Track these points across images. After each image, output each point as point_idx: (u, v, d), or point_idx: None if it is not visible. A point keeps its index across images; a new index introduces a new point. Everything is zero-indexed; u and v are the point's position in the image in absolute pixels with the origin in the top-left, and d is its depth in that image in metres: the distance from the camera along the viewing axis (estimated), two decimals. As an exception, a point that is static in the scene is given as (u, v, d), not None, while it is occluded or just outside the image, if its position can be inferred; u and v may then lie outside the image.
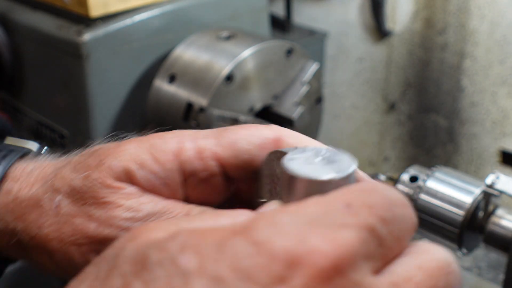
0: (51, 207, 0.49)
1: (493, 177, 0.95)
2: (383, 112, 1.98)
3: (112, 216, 0.47)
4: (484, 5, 1.63)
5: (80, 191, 0.48)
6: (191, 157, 0.49)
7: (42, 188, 0.50)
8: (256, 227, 0.31)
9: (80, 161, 0.50)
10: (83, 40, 1.18)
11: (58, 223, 0.48)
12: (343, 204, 0.33)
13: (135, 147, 0.50)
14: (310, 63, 1.31)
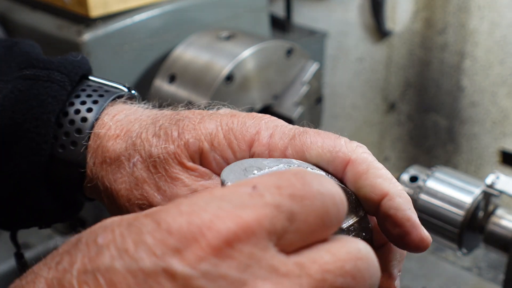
0: (129, 165, 0.51)
1: (493, 177, 0.95)
2: (383, 112, 1.98)
3: (177, 194, 0.49)
4: (484, 5, 1.63)
5: (155, 160, 0.50)
6: (263, 152, 0.50)
7: (124, 144, 0.52)
8: (163, 209, 0.34)
9: (163, 127, 0.52)
10: (83, 40, 1.18)
11: (130, 183, 0.51)
12: (250, 187, 0.34)
13: (215, 127, 0.51)
14: (310, 63, 1.31)
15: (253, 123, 0.51)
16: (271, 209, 0.33)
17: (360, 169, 0.49)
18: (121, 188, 0.51)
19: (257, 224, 0.32)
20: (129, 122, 0.54)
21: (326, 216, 0.34)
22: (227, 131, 0.51)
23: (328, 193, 0.34)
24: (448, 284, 1.27)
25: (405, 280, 1.25)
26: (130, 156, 0.51)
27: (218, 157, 0.50)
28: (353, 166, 0.49)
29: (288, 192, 0.33)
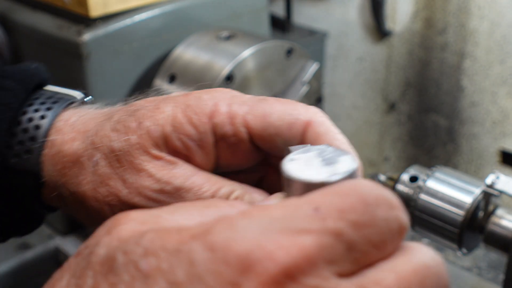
0: (90, 165, 0.50)
1: (493, 177, 0.95)
2: (383, 112, 1.98)
3: (143, 186, 0.49)
4: (484, 5, 1.63)
5: (118, 154, 0.50)
6: (223, 121, 0.50)
7: (83, 145, 0.51)
8: (214, 231, 0.31)
9: (120, 120, 0.51)
10: (83, 40, 1.18)
11: (95, 182, 0.50)
12: (311, 207, 0.32)
13: (172, 108, 0.51)
14: (310, 63, 1.31)
15: (209, 96, 0.51)
16: (332, 238, 0.31)
17: (319, 130, 0.49)
18: (87, 189, 0.50)
19: (318, 253, 0.30)
20: (84, 123, 0.53)
21: (388, 242, 0.33)
22: (185, 108, 0.51)
23: (394, 220, 0.33)
24: (448, 284, 1.27)
25: (405, 280, 1.25)
26: (90, 155, 0.51)
27: (182, 137, 0.50)
28: (313, 127, 0.49)
29: (351, 218, 0.31)
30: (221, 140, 0.51)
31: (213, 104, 0.50)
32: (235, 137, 0.51)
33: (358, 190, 0.33)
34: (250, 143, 0.51)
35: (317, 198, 0.33)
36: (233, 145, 0.51)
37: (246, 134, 0.51)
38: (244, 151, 0.52)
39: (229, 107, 0.50)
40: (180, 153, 0.51)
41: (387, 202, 0.33)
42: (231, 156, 0.52)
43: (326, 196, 0.33)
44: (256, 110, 0.50)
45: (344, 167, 0.40)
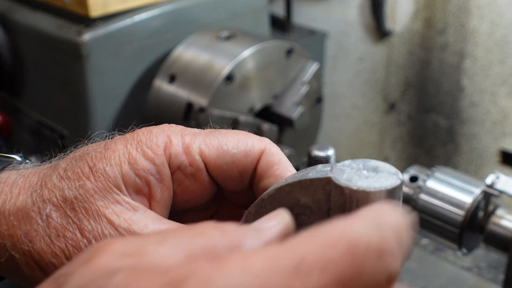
0: (42, 218, 0.47)
1: (493, 177, 0.95)
2: (383, 112, 1.98)
3: (102, 233, 0.46)
4: (484, 5, 1.63)
5: (72, 201, 0.47)
6: (178, 151, 0.49)
7: (29, 199, 0.48)
8: (189, 284, 0.29)
9: (68, 168, 0.48)
10: (83, 40, 1.18)
11: (50, 236, 0.46)
12: (294, 262, 0.29)
13: (123, 147, 0.49)
14: (310, 63, 1.31)
15: (159, 130, 0.50)
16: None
17: (273, 159, 0.50)
18: (42, 246, 0.46)
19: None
20: (26, 178, 0.50)
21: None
22: (137, 144, 0.49)
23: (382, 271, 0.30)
24: (448, 284, 1.27)
25: (405, 280, 1.25)
26: (40, 209, 0.47)
27: (140, 172, 0.48)
28: (267, 156, 0.50)
29: (335, 274, 0.29)
30: (178, 171, 0.49)
31: (165, 136, 0.49)
32: (191, 167, 0.49)
33: (346, 239, 0.30)
34: (206, 172, 0.50)
35: (302, 248, 0.30)
36: (190, 175, 0.50)
37: (202, 163, 0.50)
38: (201, 183, 0.50)
39: (182, 138, 0.50)
40: (140, 191, 0.48)
41: (377, 251, 0.30)
42: (188, 189, 0.50)
43: (312, 247, 0.30)
44: (210, 140, 0.50)
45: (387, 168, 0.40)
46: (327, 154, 0.82)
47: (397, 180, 0.39)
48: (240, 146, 0.50)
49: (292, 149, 1.28)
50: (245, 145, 0.50)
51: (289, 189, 0.45)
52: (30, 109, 1.42)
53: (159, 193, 0.49)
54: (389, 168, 0.40)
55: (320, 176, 0.42)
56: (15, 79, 1.41)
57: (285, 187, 0.46)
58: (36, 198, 0.47)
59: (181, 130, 0.51)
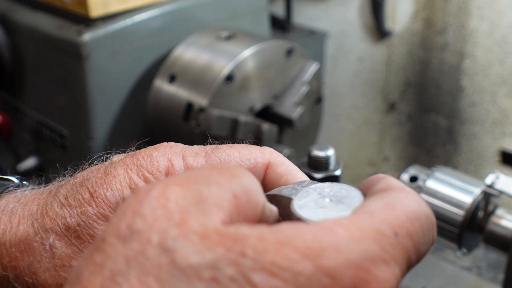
0: (45, 249, 0.45)
1: (493, 177, 0.95)
2: (383, 112, 1.98)
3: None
4: (484, 5, 1.63)
5: (75, 229, 0.46)
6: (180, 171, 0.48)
7: (31, 229, 0.46)
8: (325, 256, 0.32)
9: (69, 195, 0.47)
10: (83, 40, 1.18)
11: (55, 267, 0.45)
12: (392, 232, 0.36)
13: (124, 172, 0.48)
14: (310, 63, 1.31)
15: (160, 153, 0.49)
16: (405, 265, 0.36)
17: (280, 171, 0.50)
18: (46, 277, 0.45)
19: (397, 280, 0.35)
20: (25, 206, 0.48)
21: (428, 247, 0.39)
22: (138, 170, 0.48)
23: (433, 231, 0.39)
24: (448, 284, 1.27)
25: (404, 280, 1.25)
26: (43, 239, 0.46)
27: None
28: (273, 168, 0.49)
29: (415, 242, 0.36)
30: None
31: (166, 160, 0.48)
32: None
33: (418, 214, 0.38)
34: None
35: (395, 221, 0.36)
36: None
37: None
38: None
39: (184, 161, 0.49)
40: None
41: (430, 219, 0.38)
42: None
43: (401, 218, 0.37)
44: (212, 160, 0.49)
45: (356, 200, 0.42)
46: (327, 154, 0.82)
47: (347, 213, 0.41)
48: (244, 164, 0.49)
49: (292, 149, 1.28)
50: (248, 162, 0.49)
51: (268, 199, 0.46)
52: (30, 109, 1.42)
53: None
54: (355, 199, 0.42)
55: (289, 196, 0.44)
56: (15, 79, 1.41)
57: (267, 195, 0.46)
58: (38, 228, 0.46)
59: (182, 150, 0.49)
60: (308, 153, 0.83)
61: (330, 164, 0.82)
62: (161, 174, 0.48)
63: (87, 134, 1.25)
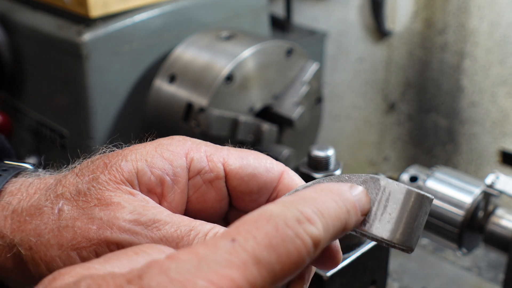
0: (53, 212, 0.47)
1: (493, 177, 0.95)
2: (383, 112, 1.98)
3: (115, 217, 0.46)
4: (484, 5, 1.63)
5: (85, 193, 0.47)
6: (201, 157, 0.50)
7: (43, 196, 0.49)
8: (148, 276, 0.33)
9: (83, 167, 0.49)
10: (83, 40, 1.18)
11: (59, 228, 0.47)
12: (229, 240, 0.35)
13: (142, 147, 0.50)
14: (310, 63, 1.31)
15: (180, 138, 0.51)
16: (254, 266, 0.34)
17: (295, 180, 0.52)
18: (49, 238, 0.46)
19: (245, 282, 0.34)
20: (42, 180, 0.51)
21: (304, 256, 0.36)
22: (157, 146, 0.50)
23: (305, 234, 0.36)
24: (448, 284, 1.27)
25: (405, 280, 1.25)
26: (53, 203, 0.48)
27: (156, 171, 0.48)
28: (289, 175, 0.51)
29: (264, 242, 0.35)
30: (197, 177, 0.50)
31: (188, 143, 0.51)
32: (212, 173, 0.50)
33: (266, 214, 0.36)
34: (225, 183, 0.51)
35: (232, 230, 0.36)
36: (208, 182, 0.50)
37: (223, 172, 0.50)
38: (218, 192, 0.51)
39: (206, 147, 0.51)
40: (152, 190, 0.49)
41: (296, 219, 0.36)
42: (203, 197, 0.51)
43: (239, 227, 0.36)
44: (233, 152, 0.51)
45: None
46: (327, 154, 0.82)
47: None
48: (261, 162, 0.51)
49: (292, 149, 1.28)
50: (265, 163, 0.51)
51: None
52: (30, 109, 1.42)
53: (172, 195, 0.49)
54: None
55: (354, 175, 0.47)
56: (15, 79, 1.41)
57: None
58: (50, 195, 0.48)
59: (204, 142, 0.52)
60: (308, 153, 0.83)
61: (330, 164, 0.82)
62: (180, 153, 0.49)
63: (87, 134, 1.25)
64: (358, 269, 0.79)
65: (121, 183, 0.47)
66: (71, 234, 0.46)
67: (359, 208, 0.42)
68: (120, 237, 0.45)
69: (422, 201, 0.46)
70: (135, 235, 0.45)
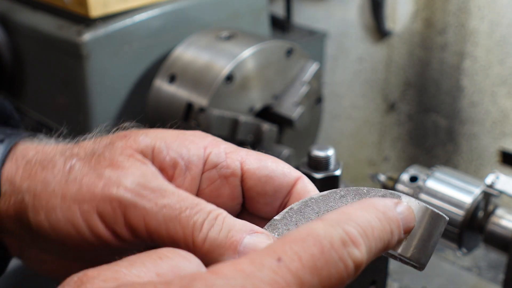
0: (65, 167, 0.48)
1: (493, 177, 0.95)
2: (383, 112, 1.98)
3: (123, 177, 0.47)
4: (484, 5, 1.63)
5: (99, 155, 0.48)
6: (220, 152, 0.51)
7: (59, 154, 0.50)
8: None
9: (103, 136, 0.52)
10: (83, 40, 1.18)
11: (66, 181, 0.48)
12: (275, 258, 0.35)
13: (165, 131, 0.51)
14: (310, 63, 1.31)
15: (201, 133, 0.52)
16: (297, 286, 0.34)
17: (310, 187, 0.52)
18: (55, 188, 0.48)
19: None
20: (58, 144, 0.52)
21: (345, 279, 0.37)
22: (179, 133, 0.51)
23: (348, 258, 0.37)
24: (448, 284, 1.27)
25: (405, 280, 1.25)
26: (66, 160, 0.49)
27: (172, 152, 0.50)
28: (304, 182, 0.52)
29: (309, 264, 0.35)
30: (213, 171, 0.51)
31: (210, 138, 0.52)
32: (228, 169, 0.51)
33: (313, 234, 0.36)
34: (240, 183, 0.51)
35: (278, 247, 0.36)
36: (224, 178, 0.51)
37: (239, 170, 0.51)
38: (232, 190, 0.51)
39: (225, 145, 0.52)
40: (163, 170, 0.49)
41: (341, 241, 0.37)
42: (217, 192, 0.51)
43: (285, 245, 0.36)
44: (251, 153, 0.52)
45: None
46: (327, 154, 0.82)
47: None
48: (279, 166, 0.52)
49: (292, 149, 1.28)
50: (283, 167, 0.52)
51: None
52: (30, 109, 1.42)
53: (182, 180, 0.50)
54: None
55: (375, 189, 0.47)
56: (15, 79, 1.41)
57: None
58: (65, 153, 0.50)
59: (224, 141, 0.53)
60: (308, 153, 0.83)
61: (330, 164, 0.82)
62: (200, 145, 0.51)
63: (87, 134, 1.25)
64: (358, 269, 0.79)
65: (136, 152, 0.48)
66: (77, 188, 0.47)
67: (402, 227, 0.42)
68: (124, 195, 0.46)
69: (437, 220, 0.46)
70: (139, 197, 0.46)
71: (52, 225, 0.47)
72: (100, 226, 0.46)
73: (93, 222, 0.46)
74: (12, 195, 0.49)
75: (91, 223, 0.46)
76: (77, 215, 0.46)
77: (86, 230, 0.46)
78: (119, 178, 0.47)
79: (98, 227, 0.46)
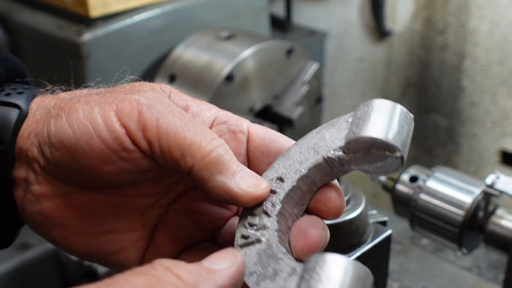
0: (88, 95, 0.53)
1: (493, 177, 0.95)
2: (383, 112, 1.98)
3: (143, 93, 0.51)
4: (484, 5, 1.63)
5: (113, 90, 0.54)
6: (228, 114, 0.54)
7: (86, 91, 0.55)
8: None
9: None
10: (83, 40, 1.18)
11: (91, 94, 0.53)
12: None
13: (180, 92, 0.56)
14: (310, 63, 1.31)
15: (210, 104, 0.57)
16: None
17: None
18: (80, 98, 0.52)
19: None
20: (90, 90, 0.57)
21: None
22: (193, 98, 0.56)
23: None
24: (448, 284, 1.27)
25: (405, 280, 1.25)
26: (91, 92, 0.55)
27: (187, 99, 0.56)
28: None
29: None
30: (223, 125, 0.54)
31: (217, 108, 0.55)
32: (237, 126, 0.54)
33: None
34: (246, 140, 0.55)
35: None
36: (232, 133, 0.54)
37: (247, 130, 0.55)
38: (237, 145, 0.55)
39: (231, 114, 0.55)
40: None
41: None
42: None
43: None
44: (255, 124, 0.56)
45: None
46: (327, 154, 0.82)
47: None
48: (279, 133, 0.57)
49: (292, 149, 1.28)
50: (283, 136, 0.57)
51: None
52: (30, 109, 1.42)
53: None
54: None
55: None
56: (15, 79, 1.41)
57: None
58: (92, 91, 0.54)
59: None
60: (308, 153, 0.83)
61: (330, 164, 0.82)
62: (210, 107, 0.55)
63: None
64: (358, 269, 0.79)
65: (157, 86, 0.53)
66: (99, 97, 0.52)
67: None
68: (142, 99, 0.50)
69: (405, 113, 0.47)
70: (156, 102, 0.50)
71: (71, 125, 0.50)
72: (116, 124, 0.48)
73: (109, 119, 0.48)
74: (38, 110, 0.54)
75: (108, 119, 0.48)
76: (96, 112, 0.50)
77: (102, 127, 0.48)
78: (140, 93, 0.51)
79: (114, 124, 0.48)
